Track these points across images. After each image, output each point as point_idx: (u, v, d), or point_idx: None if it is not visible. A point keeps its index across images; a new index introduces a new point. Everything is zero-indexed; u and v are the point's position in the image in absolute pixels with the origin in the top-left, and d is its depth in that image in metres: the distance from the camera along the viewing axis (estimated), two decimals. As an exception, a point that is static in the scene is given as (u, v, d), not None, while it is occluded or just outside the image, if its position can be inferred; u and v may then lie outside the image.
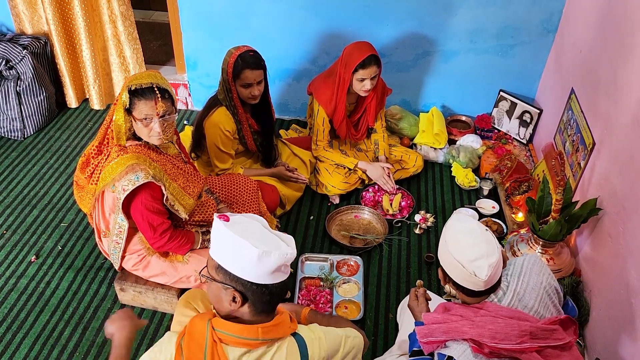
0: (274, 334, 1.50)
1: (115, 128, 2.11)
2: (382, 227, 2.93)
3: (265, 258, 1.42)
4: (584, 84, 2.70)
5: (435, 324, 1.70)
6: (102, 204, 2.24)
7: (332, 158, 3.10)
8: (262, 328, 1.48)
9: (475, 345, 1.60)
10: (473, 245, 1.62)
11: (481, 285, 1.62)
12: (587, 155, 2.51)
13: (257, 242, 1.43)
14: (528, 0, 3.15)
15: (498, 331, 1.59)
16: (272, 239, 1.48)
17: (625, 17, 2.33)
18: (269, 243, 1.46)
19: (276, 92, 3.61)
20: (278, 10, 3.33)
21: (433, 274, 2.72)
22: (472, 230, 1.67)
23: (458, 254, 1.62)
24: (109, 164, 2.11)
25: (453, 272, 1.66)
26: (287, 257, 1.46)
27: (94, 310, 2.54)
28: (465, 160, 3.28)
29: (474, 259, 1.60)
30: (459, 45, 3.37)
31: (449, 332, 1.66)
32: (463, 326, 1.63)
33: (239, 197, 2.65)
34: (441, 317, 1.71)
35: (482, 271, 1.58)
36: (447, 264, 1.67)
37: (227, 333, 1.47)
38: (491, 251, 1.61)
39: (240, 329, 1.48)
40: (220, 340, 1.47)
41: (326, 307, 2.53)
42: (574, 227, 2.39)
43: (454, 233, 1.68)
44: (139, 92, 2.04)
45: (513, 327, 1.59)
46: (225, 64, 2.64)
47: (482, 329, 1.60)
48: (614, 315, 2.16)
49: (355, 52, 2.81)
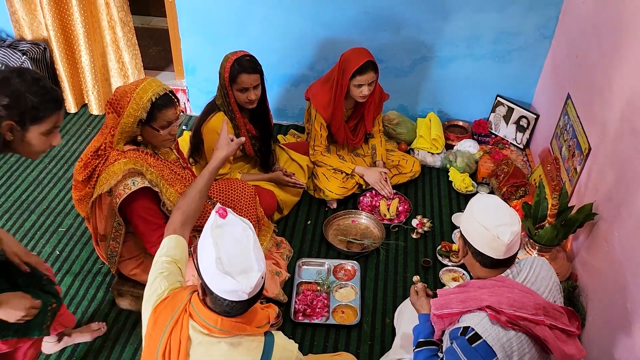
0: (234, 329, 1.53)
1: (119, 136, 2.12)
2: (380, 231, 2.94)
3: (221, 278, 1.43)
4: (580, 89, 2.71)
5: (453, 294, 1.73)
6: (100, 208, 2.24)
7: (330, 163, 3.11)
8: (222, 319, 1.51)
9: (493, 312, 1.63)
10: (498, 213, 1.71)
11: (501, 251, 1.67)
12: (583, 160, 2.52)
13: (224, 258, 1.44)
14: (524, 7, 3.17)
15: (516, 300, 1.63)
16: (245, 261, 1.46)
17: (620, 23, 2.34)
18: (236, 264, 1.45)
19: (274, 97, 3.63)
20: (276, 16, 3.35)
21: (430, 278, 2.73)
22: (498, 203, 1.76)
23: (483, 219, 1.68)
24: (107, 168, 2.12)
25: (476, 238, 1.70)
26: (241, 288, 1.43)
27: (91, 315, 2.54)
28: (463, 165, 3.29)
29: (498, 224, 1.66)
30: (456, 51, 3.39)
31: (466, 300, 1.69)
32: (482, 294, 1.67)
33: (236, 202, 2.65)
34: (458, 290, 1.75)
35: (505, 235, 1.65)
36: (470, 229, 1.72)
37: (196, 311, 1.53)
38: (514, 221, 1.69)
39: (206, 313, 1.52)
40: (190, 315, 1.54)
41: (323, 311, 2.53)
42: (569, 231, 2.40)
43: (481, 203, 1.75)
44: (160, 102, 2.08)
45: (529, 298, 1.64)
46: (222, 69, 2.66)
47: (500, 296, 1.64)
48: (610, 319, 2.16)
49: (353, 58, 2.82)
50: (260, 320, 1.59)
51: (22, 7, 3.53)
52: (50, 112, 1.72)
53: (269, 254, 2.71)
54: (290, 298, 2.58)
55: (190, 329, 1.54)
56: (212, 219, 1.52)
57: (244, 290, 1.44)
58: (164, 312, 1.58)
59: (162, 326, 1.56)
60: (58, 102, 1.75)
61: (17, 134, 1.70)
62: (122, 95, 2.09)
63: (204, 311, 1.52)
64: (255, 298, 1.52)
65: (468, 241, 1.75)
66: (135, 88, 2.08)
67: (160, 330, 1.55)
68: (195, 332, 1.54)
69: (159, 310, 1.59)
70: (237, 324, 1.53)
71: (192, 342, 1.53)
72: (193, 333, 1.53)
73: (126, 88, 2.11)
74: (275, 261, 2.68)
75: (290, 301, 2.57)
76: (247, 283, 1.44)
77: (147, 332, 1.61)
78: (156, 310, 1.60)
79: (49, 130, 1.75)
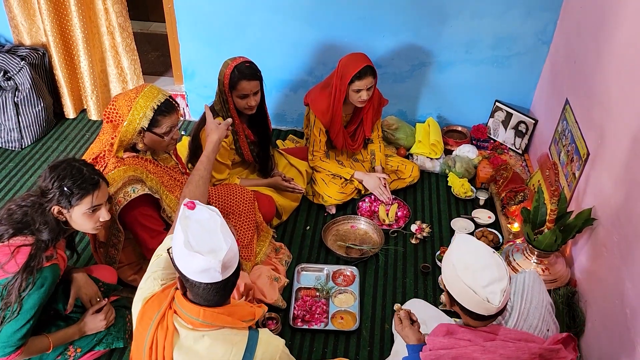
0: (218, 321, 1.56)
1: (119, 144, 2.12)
2: (379, 237, 2.93)
3: (191, 257, 1.47)
4: (578, 94, 2.72)
5: (443, 350, 1.63)
6: None
7: (329, 168, 3.11)
8: (204, 310, 1.55)
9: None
10: (484, 269, 1.57)
11: (493, 311, 1.58)
12: (581, 166, 2.52)
13: (191, 240, 1.49)
14: (522, 12, 3.18)
15: (510, 356, 1.55)
16: (212, 241, 1.51)
17: (617, 28, 2.35)
18: (203, 244, 1.49)
19: (273, 102, 3.63)
20: (275, 21, 3.36)
21: (429, 284, 2.72)
22: (480, 252, 1.62)
23: (469, 280, 1.56)
24: (106, 175, 2.11)
25: (463, 298, 1.60)
26: (212, 265, 1.47)
27: (89, 321, 2.53)
28: (462, 171, 3.29)
29: (486, 285, 1.55)
30: (455, 56, 3.40)
31: (457, 358, 1.60)
32: (474, 352, 1.58)
33: (235, 207, 2.65)
34: (447, 342, 1.64)
35: (496, 297, 1.54)
36: (457, 290, 1.61)
37: (179, 306, 1.58)
38: (502, 275, 1.57)
39: (188, 306, 1.56)
40: (175, 312, 1.58)
41: (322, 317, 2.53)
42: (568, 237, 2.40)
43: (461, 255, 1.62)
44: (162, 108, 2.10)
45: (524, 350, 1.56)
46: (222, 75, 2.66)
47: (493, 354, 1.56)
48: (609, 325, 2.16)
49: (351, 64, 2.83)
50: (245, 315, 1.62)
51: (21, 12, 3.54)
52: (85, 194, 1.92)
53: (268, 260, 2.71)
54: (289, 304, 2.58)
55: (175, 324, 1.58)
56: (181, 212, 1.57)
57: (215, 267, 1.47)
58: (151, 307, 1.63)
59: (149, 321, 1.60)
60: (92, 184, 1.93)
61: (66, 215, 1.96)
62: (122, 104, 2.09)
63: (186, 305, 1.56)
64: (232, 281, 1.55)
65: (455, 300, 1.64)
66: (135, 97, 2.07)
67: (147, 325, 1.59)
68: (181, 327, 1.57)
69: (146, 306, 1.64)
70: (220, 315, 1.56)
71: (178, 338, 1.57)
72: (179, 329, 1.58)
73: (125, 97, 2.10)
74: (274, 267, 2.68)
75: (289, 307, 2.56)
76: (215, 258, 1.47)
77: (135, 327, 1.65)
78: (144, 307, 1.64)
79: (91, 209, 1.95)
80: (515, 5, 3.16)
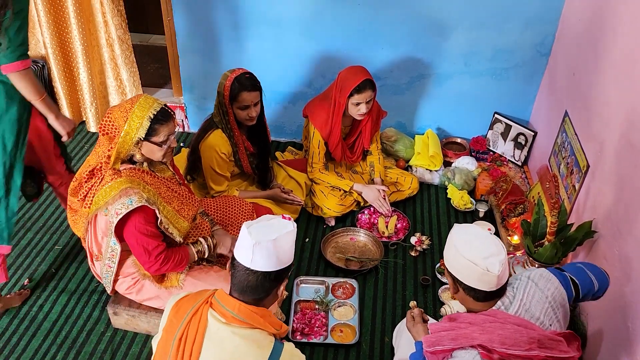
0: (250, 318, 1.61)
1: (116, 156, 2.11)
2: (378, 249, 2.92)
3: (242, 232, 1.63)
4: (578, 106, 2.72)
5: (444, 332, 1.69)
6: (95, 228, 2.23)
7: (328, 180, 3.10)
8: (240, 305, 1.62)
9: (484, 351, 1.59)
10: (482, 244, 1.67)
11: (493, 283, 1.64)
12: (581, 178, 2.52)
13: (256, 224, 1.66)
14: (521, 24, 3.19)
15: (507, 337, 1.59)
16: (267, 233, 1.62)
17: (615, 40, 2.36)
18: (260, 230, 1.63)
19: (272, 114, 3.63)
20: (274, 33, 3.37)
21: (429, 296, 2.71)
22: (478, 232, 1.73)
23: (469, 253, 1.65)
24: (103, 187, 2.10)
25: (465, 273, 1.67)
26: (247, 242, 1.60)
27: (86, 334, 2.51)
28: (461, 182, 3.28)
29: (485, 256, 1.63)
30: (454, 68, 3.41)
31: (457, 338, 1.65)
32: (473, 332, 1.63)
33: (233, 219, 2.64)
34: (449, 325, 1.71)
35: (495, 267, 1.62)
36: (459, 266, 1.68)
37: (218, 300, 1.64)
38: (500, 249, 1.66)
39: (228, 299, 1.64)
40: (210, 304, 1.65)
41: (321, 330, 2.50)
42: (569, 249, 2.39)
43: (461, 236, 1.71)
44: (159, 117, 2.09)
45: (522, 333, 1.60)
46: (222, 87, 2.66)
47: (491, 334, 1.60)
48: (611, 339, 2.14)
49: (350, 77, 2.83)
50: (275, 323, 1.67)
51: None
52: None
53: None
54: (288, 317, 2.56)
55: (209, 317, 1.62)
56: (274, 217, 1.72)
57: (247, 246, 1.59)
58: (186, 303, 1.69)
59: (183, 314, 1.65)
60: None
61: None
62: (117, 115, 2.08)
63: (226, 298, 1.64)
64: (265, 281, 1.63)
65: (457, 279, 1.71)
66: (131, 107, 2.07)
67: (181, 318, 1.65)
68: (214, 319, 1.62)
69: (182, 302, 1.70)
70: (253, 314, 1.62)
71: (209, 330, 1.61)
72: (211, 320, 1.62)
73: (120, 108, 2.09)
74: (273, 279, 2.66)
75: (289, 320, 2.54)
76: (254, 239, 1.58)
77: (167, 320, 1.69)
78: (179, 303, 1.71)
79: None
80: (514, 17, 3.18)
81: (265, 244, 1.59)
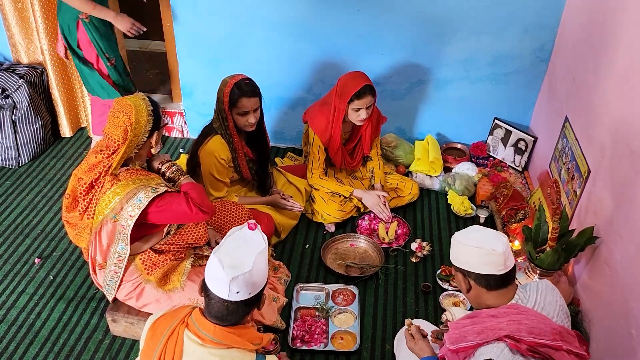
0: (227, 340, 1.61)
1: (119, 161, 2.15)
2: (378, 255, 2.90)
3: (212, 261, 1.60)
4: (578, 112, 2.71)
5: (468, 327, 1.68)
6: (100, 237, 2.23)
7: (328, 186, 3.09)
8: (215, 328, 1.62)
9: (512, 341, 1.58)
10: (481, 233, 1.76)
11: (501, 263, 1.67)
12: (582, 183, 2.50)
13: (225, 247, 1.64)
14: (520, 30, 3.19)
15: (534, 326, 1.60)
16: (241, 259, 1.60)
17: (616, 45, 2.35)
18: (230, 256, 1.61)
19: (271, 120, 3.62)
20: (273, 39, 3.36)
21: (430, 303, 2.69)
22: (478, 227, 1.84)
23: (472, 241, 1.71)
24: (104, 195, 2.12)
25: (472, 261, 1.70)
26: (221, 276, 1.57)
27: (84, 342, 2.48)
28: (461, 188, 3.27)
29: (487, 239, 1.70)
30: (453, 74, 3.40)
31: (483, 331, 1.64)
32: (499, 323, 1.63)
33: (230, 224, 2.64)
34: (470, 321, 1.71)
35: (498, 245, 1.67)
36: (465, 256, 1.72)
37: (194, 321, 1.64)
38: (499, 233, 1.75)
39: (203, 322, 1.63)
40: (186, 325, 1.65)
41: (322, 337, 2.48)
42: (571, 255, 2.37)
43: (461, 234, 1.78)
44: (155, 116, 2.19)
45: (546, 324, 1.62)
46: (221, 93, 2.65)
47: (518, 324, 1.60)
48: (614, 346, 2.13)
49: (350, 83, 2.82)
50: (253, 337, 1.67)
51: (19, 31, 3.54)
52: None
53: (267, 279, 2.68)
54: (288, 324, 2.54)
55: (185, 339, 1.62)
56: (240, 227, 1.70)
57: (224, 280, 1.56)
58: (162, 324, 1.69)
59: (160, 336, 1.65)
60: None
61: None
62: (115, 128, 2.13)
63: (202, 320, 1.63)
64: (243, 307, 1.62)
65: (466, 270, 1.74)
66: (128, 119, 2.11)
67: (158, 340, 1.64)
68: (190, 341, 1.62)
69: (158, 323, 1.70)
70: (230, 334, 1.61)
71: (186, 351, 1.61)
72: (187, 342, 1.62)
73: (117, 122, 2.12)
74: (272, 286, 2.64)
75: (288, 327, 2.52)
76: (229, 274, 1.55)
77: (145, 343, 1.69)
78: (155, 324, 1.70)
79: None
80: (513, 23, 3.17)
81: (242, 277, 1.58)
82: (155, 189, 2.14)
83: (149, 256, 2.33)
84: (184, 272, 2.37)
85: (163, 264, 2.33)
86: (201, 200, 2.22)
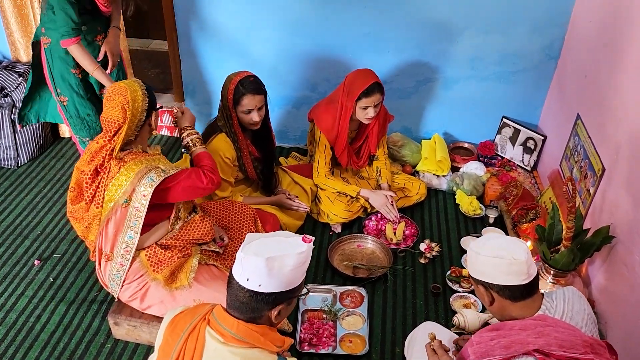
0: (250, 338, 1.53)
1: (121, 143, 2.14)
2: (386, 256, 2.84)
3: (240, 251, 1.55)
4: (591, 109, 2.66)
5: (494, 340, 1.60)
6: (107, 227, 2.19)
7: (334, 186, 3.03)
8: (238, 324, 1.54)
9: (542, 356, 1.51)
10: (498, 241, 1.69)
11: (524, 273, 1.60)
12: (596, 182, 2.45)
13: (257, 239, 1.58)
14: (528, 28, 3.14)
15: (565, 339, 1.52)
16: (273, 249, 1.54)
17: (631, 40, 2.30)
18: (260, 246, 1.55)
19: (276, 119, 3.56)
20: (277, 37, 3.31)
21: (440, 305, 2.62)
22: (494, 235, 1.75)
23: (490, 251, 1.64)
24: (112, 180, 2.11)
25: (493, 273, 1.64)
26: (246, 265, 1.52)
27: (85, 345, 2.42)
28: (469, 188, 3.21)
29: (507, 248, 1.63)
30: (460, 72, 3.35)
31: (510, 345, 1.56)
32: (527, 337, 1.55)
33: (234, 224, 2.58)
34: (496, 334, 1.62)
35: (520, 254, 1.61)
36: (484, 268, 1.66)
37: (216, 318, 1.57)
38: (518, 240, 1.69)
39: (226, 318, 1.56)
40: (208, 322, 1.57)
41: (330, 341, 2.42)
42: (586, 255, 2.32)
43: (477, 244, 1.71)
44: (151, 99, 2.22)
45: (577, 336, 1.54)
46: (225, 91, 2.59)
47: (548, 337, 1.53)
48: (632, 348, 2.07)
49: (359, 80, 2.76)
50: (276, 339, 1.59)
51: (18, 29, 3.49)
52: None
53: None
54: (295, 327, 2.47)
55: (206, 335, 1.55)
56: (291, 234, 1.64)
57: (239, 257, 1.51)
58: (182, 320, 1.61)
59: (180, 332, 1.58)
60: None
61: None
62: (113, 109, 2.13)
63: (224, 316, 1.56)
64: (264, 302, 1.54)
65: (487, 282, 1.66)
66: (124, 98, 2.11)
67: (177, 336, 1.58)
68: (211, 338, 1.54)
69: (177, 319, 1.62)
70: (253, 332, 1.54)
71: (207, 348, 1.54)
72: (209, 339, 1.55)
73: (113, 104, 2.12)
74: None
75: (295, 330, 2.45)
76: (253, 256, 1.50)
77: (163, 339, 1.62)
78: (175, 320, 1.63)
79: None
80: (521, 21, 3.12)
81: (258, 261, 1.49)
82: (164, 170, 2.15)
83: (154, 252, 2.27)
84: (192, 269, 2.32)
85: (169, 260, 2.27)
86: (212, 170, 2.30)
